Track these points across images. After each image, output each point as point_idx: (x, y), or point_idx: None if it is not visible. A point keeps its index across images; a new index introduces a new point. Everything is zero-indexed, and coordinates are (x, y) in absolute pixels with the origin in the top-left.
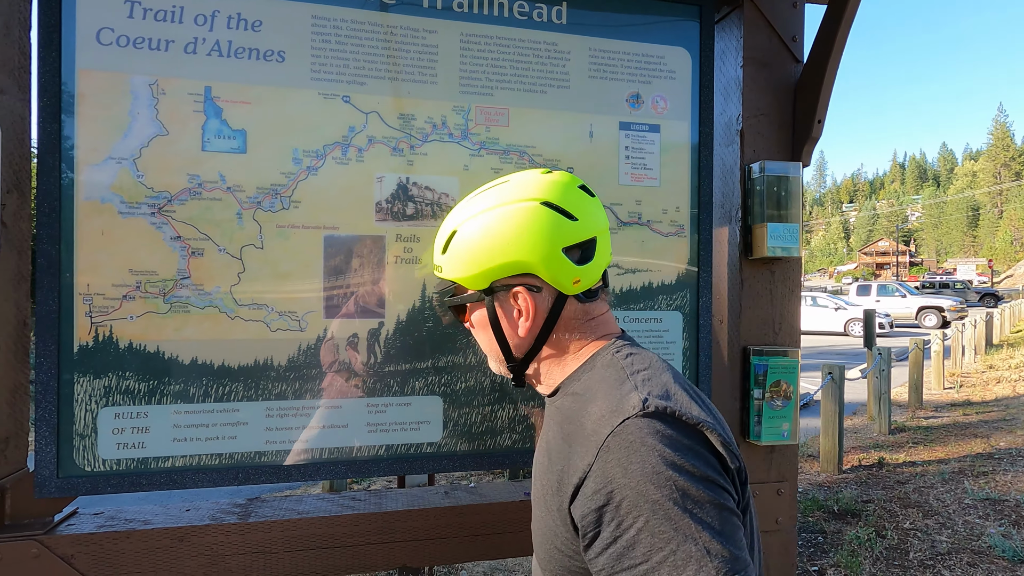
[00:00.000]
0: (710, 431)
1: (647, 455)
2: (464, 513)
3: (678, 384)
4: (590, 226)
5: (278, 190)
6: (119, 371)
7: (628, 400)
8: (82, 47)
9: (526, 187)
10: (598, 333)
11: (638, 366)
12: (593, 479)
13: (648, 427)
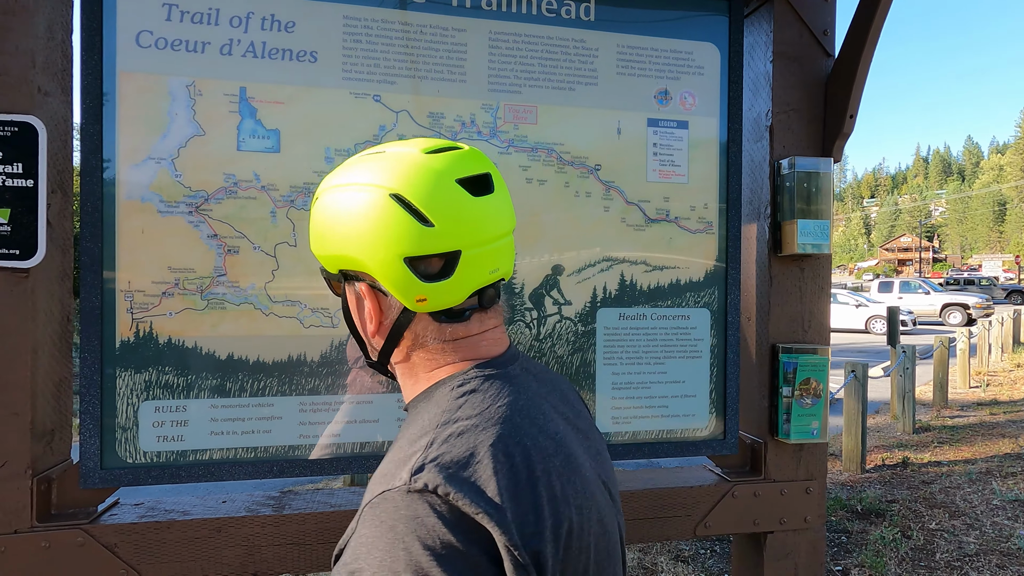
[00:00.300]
0: (495, 524)
1: (393, 545)
2: None
3: (502, 449)
4: (453, 237)
5: (311, 188)
6: (159, 366)
7: (406, 464)
8: (122, 50)
9: (386, 167)
10: (459, 356)
11: (461, 414)
12: (348, 550)
13: (407, 508)
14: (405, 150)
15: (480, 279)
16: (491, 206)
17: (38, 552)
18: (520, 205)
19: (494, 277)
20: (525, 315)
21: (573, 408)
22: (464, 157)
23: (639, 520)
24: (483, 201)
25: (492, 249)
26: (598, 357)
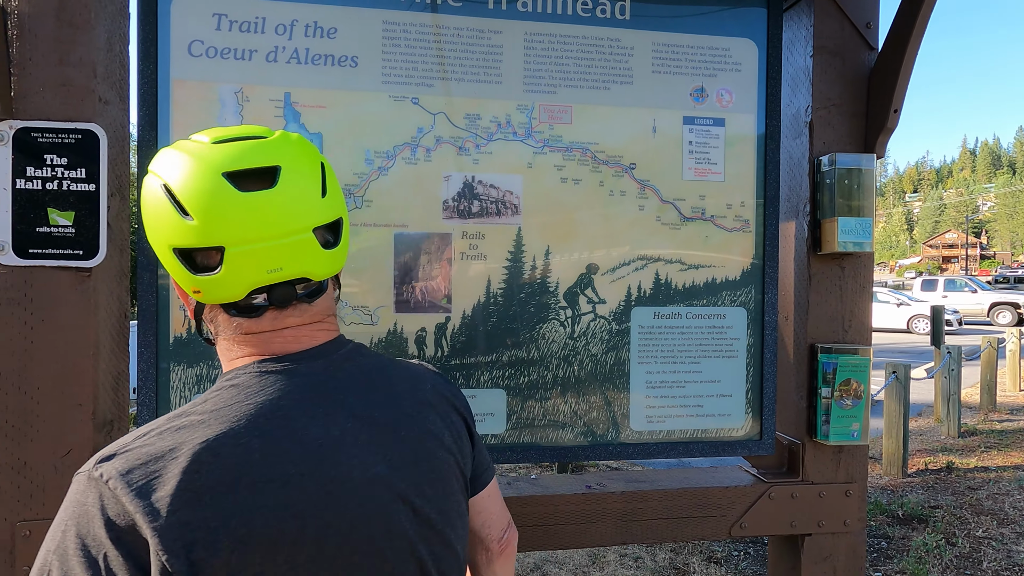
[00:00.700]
0: (148, 527)
1: (58, 524)
2: (527, 503)
3: (206, 449)
4: (213, 232)
5: (352, 190)
6: (209, 361)
7: (106, 449)
8: (176, 59)
9: (170, 156)
10: (247, 351)
11: (199, 408)
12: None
13: (80, 493)
14: (196, 139)
15: (256, 277)
16: (264, 202)
17: None
18: (554, 204)
19: (276, 276)
20: (559, 314)
21: (394, 410)
22: (247, 149)
23: (673, 519)
24: (251, 197)
25: (267, 247)
26: (632, 356)
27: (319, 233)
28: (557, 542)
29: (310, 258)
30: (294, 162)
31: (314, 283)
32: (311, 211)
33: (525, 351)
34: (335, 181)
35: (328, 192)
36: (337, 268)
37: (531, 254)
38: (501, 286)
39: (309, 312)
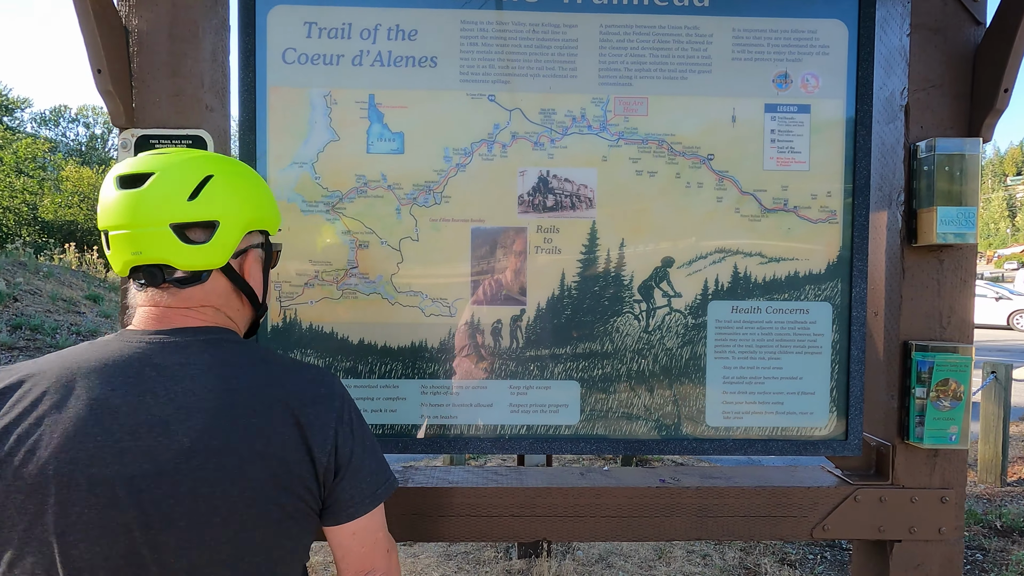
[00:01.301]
0: None
1: None
2: (601, 495)
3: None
4: (102, 219)
5: (431, 186)
6: (302, 348)
7: None
8: (271, 67)
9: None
10: (134, 320)
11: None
12: None
13: None
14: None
15: (126, 257)
16: (131, 198)
17: None
18: (629, 197)
19: (139, 259)
20: (634, 307)
21: (200, 413)
22: (140, 159)
23: (750, 518)
24: (123, 194)
25: (130, 234)
26: (709, 351)
27: (178, 229)
28: (630, 534)
29: (169, 249)
30: (169, 171)
31: (184, 272)
32: (171, 210)
33: (599, 344)
34: (228, 193)
35: (200, 198)
36: (207, 264)
37: (605, 247)
38: (575, 279)
39: (180, 296)
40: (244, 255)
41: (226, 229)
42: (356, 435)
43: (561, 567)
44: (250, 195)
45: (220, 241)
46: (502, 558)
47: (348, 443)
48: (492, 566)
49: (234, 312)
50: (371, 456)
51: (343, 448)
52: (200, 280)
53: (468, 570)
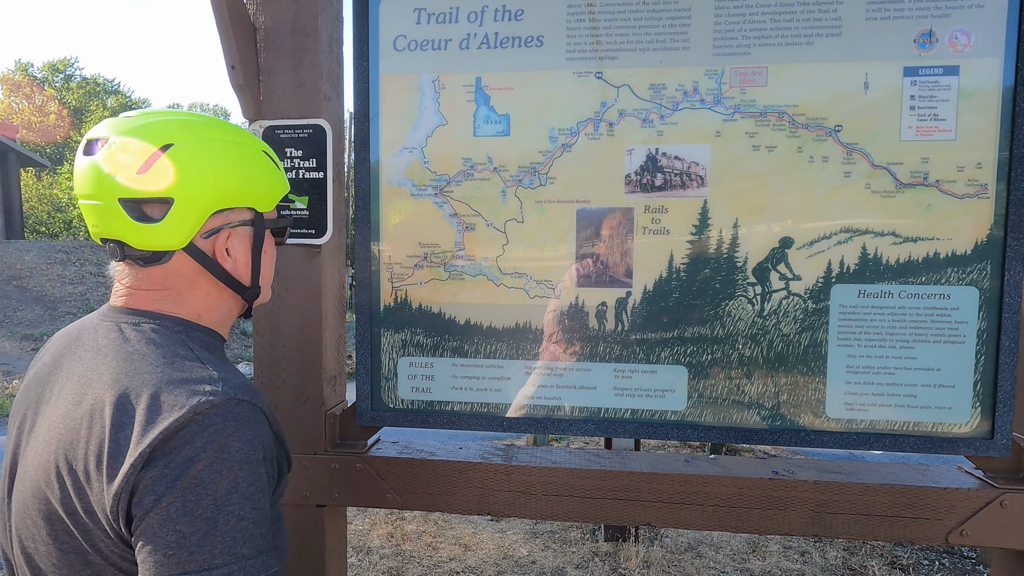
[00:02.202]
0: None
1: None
2: (708, 483)
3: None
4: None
5: (536, 168)
6: (412, 328)
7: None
8: (383, 55)
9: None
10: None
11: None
12: None
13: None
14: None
15: (90, 228)
16: (83, 167)
17: (330, 471)
18: (744, 175)
19: (97, 232)
20: (747, 290)
21: (60, 381)
22: (104, 122)
23: (875, 517)
24: (83, 160)
25: (85, 206)
26: (831, 337)
27: (128, 204)
28: (739, 525)
29: (121, 225)
30: (125, 138)
31: (139, 251)
32: (118, 183)
33: (709, 328)
34: (189, 165)
35: (152, 170)
36: (165, 244)
37: (717, 228)
38: (684, 261)
39: (141, 276)
40: (216, 235)
41: (183, 207)
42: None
43: (649, 553)
44: (221, 168)
45: (175, 220)
46: (588, 539)
47: (157, 488)
48: (578, 546)
49: (200, 296)
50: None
51: (145, 492)
52: (160, 261)
53: (554, 549)
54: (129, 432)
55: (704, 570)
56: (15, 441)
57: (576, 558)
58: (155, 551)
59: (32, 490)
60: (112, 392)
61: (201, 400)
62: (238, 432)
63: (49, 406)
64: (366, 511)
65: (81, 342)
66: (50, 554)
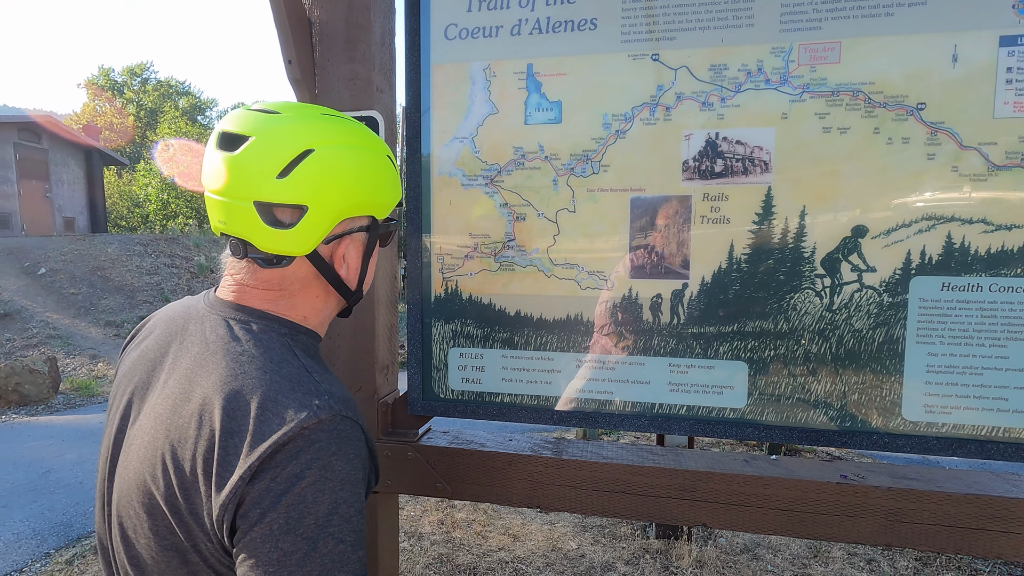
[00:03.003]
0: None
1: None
2: (769, 485)
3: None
4: (202, 177)
5: (589, 156)
6: (462, 319)
7: None
8: (435, 45)
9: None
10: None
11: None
12: None
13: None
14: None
15: (215, 223)
16: (221, 162)
17: (382, 459)
18: (813, 159)
19: (224, 229)
20: (815, 282)
21: (177, 394)
22: (244, 115)
23: (958, 529)
24: (216, 154)
25: (216, 201)
26: (909, 334)
27: (262, 208)
28: (802, 530)
29: (251, 227)
30: (264, 138)
31: (264, 253)
32: (258, 186)
33: (772, 322)
34: (327, 174)
35: (292, 177)
36: (291, 250)
37: (782, 216)
38: (746, 251)
39: (258, 276)
40: (338, 241)
41: (316, 215)
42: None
43: (703, 552)
44: (355, 177)
45: (307, 228)
46: (639, 535)
47: (263, 503)
48: (628, 542)
49: (310, 300)
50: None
51: (251, 505)
52: (280, 264)
53: (604, 543)
54: (238, 441)
55: (761, 573)
56: (118, 424)
57: (626, 554)
58: (256, 566)
59: (136, 481)
60: (221, 394)
61: (308, 415)
62: (341, 451)
63: (155, 395)
64: (417, 498)
65: (188, 332)
66: (150, 547)
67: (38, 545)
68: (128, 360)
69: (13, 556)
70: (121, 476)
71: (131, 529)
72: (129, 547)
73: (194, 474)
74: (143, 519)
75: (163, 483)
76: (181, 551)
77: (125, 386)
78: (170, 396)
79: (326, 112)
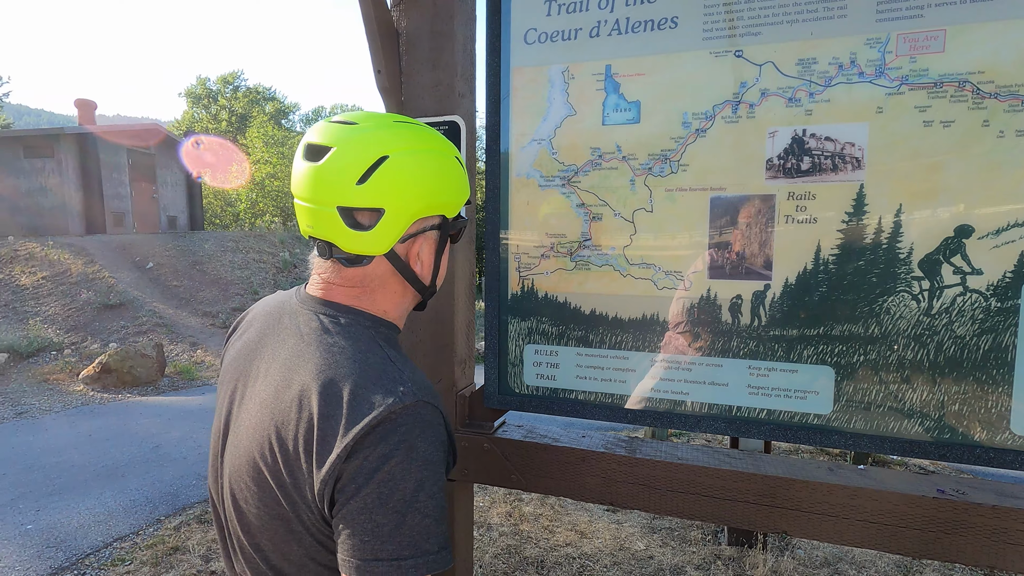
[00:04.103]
0: None
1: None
2: (856, 496)
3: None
4: (292, 185)
5: (667, 155)
6: (537, 316)
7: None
8: (515, 49)
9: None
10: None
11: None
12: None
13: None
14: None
15: (304, 227)
16: (307, 172)
17: (461, 449)
18: (912, 155)
19: (311, 232)
20: (912, 285)
21: (278, 380)
22: (326, 128)
23: None
24: (303, 164)
25: (304, 208)
26: (1020, 341)
27: (344, 213)
28: (894, 546)
29: (335, 230)
30: (345, 148)
31: (347, 253)
32: (340, 192)
33: (862, 326)
34: (401, 178)
35: (370, 182)
36: (370, 250)
37: (876, 215)
38: (834, 252)
39: (342, 274)
40: (413, 239)
41: (392, 217)
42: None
43: (779, 563)
44: (426, 179)
45: (384, 229)
46: (710, 540)
47: (358, 479)
48: (699, 547)
49: (389, 295)
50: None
51: (348, 481)
52: (362, 263)
53: (673, 546)
54: (334, 424)
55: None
56: (227, 408)
57: (696, 559)
58: (353, 535)
59: (246, 457)
60: (317, 382)
61: (394, 400)
62: (424, 433)
63: (258, 382)
64: (487, 489)
65: (283, 325)
66: (259, 515)
67: (151, 512)
68: (232, 351)
69: (131, 520)
70: (232, 453)
71: (242, 500)
72: (241, 515)
73: (296, 452)
74: (253, 491)
75: (270, 460)
76: (286, 520)
77: (232, 374)
78: (273, 383)
79: (399, 119)
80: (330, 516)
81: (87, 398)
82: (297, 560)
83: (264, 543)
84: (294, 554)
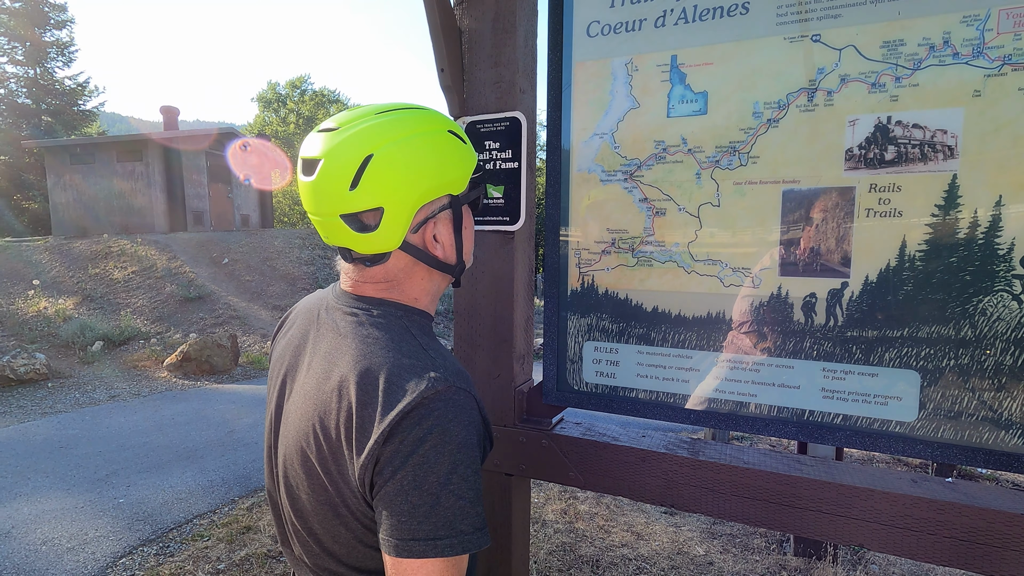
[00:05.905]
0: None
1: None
2: (944, 510)
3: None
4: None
5: (736, 147)
6: (598, 313)
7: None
8: (577, 43)
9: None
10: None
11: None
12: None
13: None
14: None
15: (322, 237)
16: (305, 188)
17: (517, 444)
18: (1014, 141)
19: (330, 241)
20: (1012, 284)
21: (309, 352)
22: (313, 140)
23: None
24: (303, 182)
25: (315, 221)
26: None
27: (348, 219)
28: (985, 566)
29: (345, 237)
30: (331, 157)
31: (364, 254)
32: (336, 202)
33: (953, 328)
34: (390, 173)
35: (361, 186)
36: (383, 247)
37: (971, 208)
38: (921, 248)
39: (367, 273)
40: (424, 226)
41: (394, 212)
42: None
43: None
44: (419, 166)
45: (389, 225)
46: (774, 550)
47: (394, 462)
48: (762, 556)
49: (416, 283)
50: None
51: (385, 464)
52: (381, 261)
53: (734, 553)
54: (371, 411)
55: None
56: (276, 401)
57: (760, 568)
58: (391, 516)
59: (295, 447)
60: (355, 372)
61: (428, 386)
62: (457, 418)
63: (303, 375)
64: (541, 486)
65: (321, 320)
66: (310, 501)
67: (226, 492)
68: (279, 347)
69: (208, 499)
70: (283, 443)
71: (294, 486)
72: (293, 500)
73: (338, 440)
74: (303, 478)
75: (315, 448)
76: (333, 505)
77: (279, 368)
78: (315, 375)
79: (383, 109)
80: (371, 499)
81: (170, 384)
82: (346, 543)
83: (316, 527)
84: (343, 537)
